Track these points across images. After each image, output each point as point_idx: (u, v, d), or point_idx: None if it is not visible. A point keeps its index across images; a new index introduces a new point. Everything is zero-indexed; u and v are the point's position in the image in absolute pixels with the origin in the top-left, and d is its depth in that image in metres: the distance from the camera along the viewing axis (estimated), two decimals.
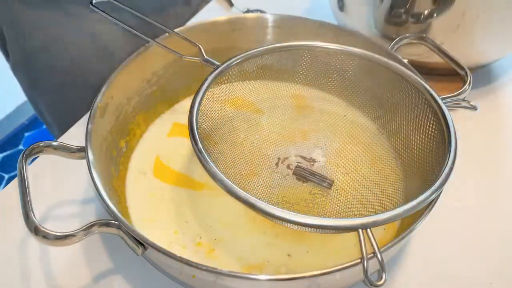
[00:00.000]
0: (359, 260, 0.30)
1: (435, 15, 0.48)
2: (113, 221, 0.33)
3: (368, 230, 0.30)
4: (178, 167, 0.46)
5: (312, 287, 0.32)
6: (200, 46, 0.45)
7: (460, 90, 0.42)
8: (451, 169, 0.34)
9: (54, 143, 0.38)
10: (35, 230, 0.31)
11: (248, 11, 0.69)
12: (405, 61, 0.45)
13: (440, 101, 0.39)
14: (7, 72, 0.67)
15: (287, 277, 0.31)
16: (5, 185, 0.62)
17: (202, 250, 0.39)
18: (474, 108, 0.42)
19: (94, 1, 0.46)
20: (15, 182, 0.45)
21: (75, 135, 0.50)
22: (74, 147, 0.38)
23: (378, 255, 0.30)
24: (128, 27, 0.45)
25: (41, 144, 0.37)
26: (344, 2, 0.56)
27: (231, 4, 0.71)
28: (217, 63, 0.43)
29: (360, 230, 0.30)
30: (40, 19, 0.59)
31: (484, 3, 0.47)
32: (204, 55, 0.45)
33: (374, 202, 0.39)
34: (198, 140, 0.36)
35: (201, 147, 0.35)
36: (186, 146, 0.48)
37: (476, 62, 0.55)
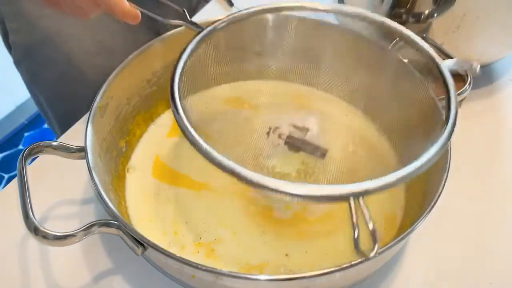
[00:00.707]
0: (359, 260, 0.30)
1: (435, 15, 0.48)
2: (112, 221, 0.33)
3: (360, 199, 0.28)
4: (178, 167, 0.46)
5: (311, 287, 0.32)
6: (185, 10, 0.43)
7: (460, 90, 0.42)
8: (448, 138, 0.32)
9: (54, 143, 0.38)
10: (35, 230, 0.31)
11: None
12: (405, 61, 0.45)
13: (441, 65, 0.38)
14: (7, 72, 0.67)
15: (287, 277, 0.31)
16: (5, 185, 0.62)
17: (202, 250, 0.39)
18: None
19: None
20: (15, 182, 0.44)
21: (75, 135, 0.50)
22: (74, 147, 0.38)
23: (370, 225, 0.28)
24: None
25: (41, 144, 0.37)
26: (344, 2, 0.56)
27: (231, 4, 0.71)
28: (202, 26, 0.42)
29: (351, 198, 0.28)
30: (41, 11, 0.60)
31: (485, 4, 0.47)
32: (189, 17, 0.43)
33: (368, 172, 0.38)
34: (177, 96, 0.34)
35: (178, 102, 0.34)
36: (186, 146, 0.47)
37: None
